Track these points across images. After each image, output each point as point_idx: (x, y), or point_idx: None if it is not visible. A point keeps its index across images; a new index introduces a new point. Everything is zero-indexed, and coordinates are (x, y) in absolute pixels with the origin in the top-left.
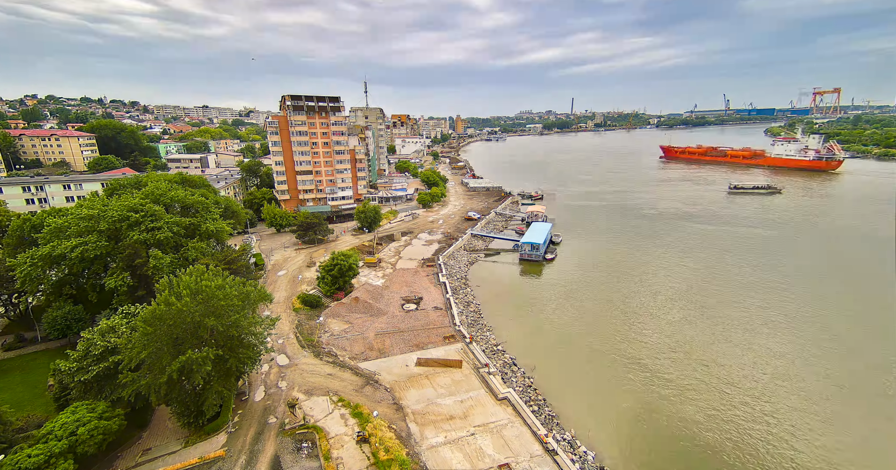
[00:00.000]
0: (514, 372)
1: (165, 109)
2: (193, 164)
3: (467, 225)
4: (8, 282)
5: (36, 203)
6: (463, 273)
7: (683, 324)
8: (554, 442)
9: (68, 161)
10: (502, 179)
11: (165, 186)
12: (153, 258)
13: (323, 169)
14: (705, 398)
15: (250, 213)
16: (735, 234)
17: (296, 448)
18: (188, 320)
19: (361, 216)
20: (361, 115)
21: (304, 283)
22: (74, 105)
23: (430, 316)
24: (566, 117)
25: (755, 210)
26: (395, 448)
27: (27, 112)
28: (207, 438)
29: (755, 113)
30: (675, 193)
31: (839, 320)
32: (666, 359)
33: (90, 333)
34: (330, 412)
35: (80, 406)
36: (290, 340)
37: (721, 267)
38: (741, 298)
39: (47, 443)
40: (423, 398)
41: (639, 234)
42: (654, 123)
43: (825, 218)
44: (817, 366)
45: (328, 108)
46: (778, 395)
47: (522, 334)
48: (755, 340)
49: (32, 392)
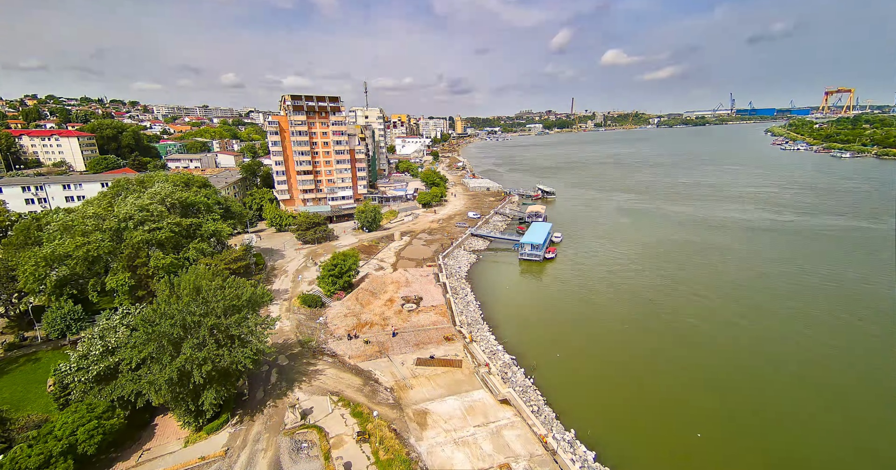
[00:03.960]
0: (514, 372)
1: (166, 109)
2: (193, 164)
3: (467, 225)
4: (9, 282)
5: (36, 203)
6: (463, 273)
7: (685, 324)
8: (554, 442)
9: (68, 161)
10: (502, 180)
11: (172, 187)
12: (154, 258)
13: (323, 169)
14: (706, 398)
15: (250, 213)
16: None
17: (296, 448)
18: (188, 320)
19: (361, 216)
20: (361, 115)
21: (304, 282)
22: (74, 105)
23: (430, 316)
24: (566, 117)
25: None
26: (395, 448)
27: (27, 112)
28: (207, 438)
29: (756, 113)
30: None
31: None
32: (667, 359)
33: (91, 333)
34: (330, 412)
35: (80, 406)
36: (291, 340)
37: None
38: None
39: (47, 443)
40: (424, 398)
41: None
42: (654, 123)
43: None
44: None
45: (328, 109)
46: (782, 400)
47: (522, 334)
48: (764, 347)
49: (32, 392)
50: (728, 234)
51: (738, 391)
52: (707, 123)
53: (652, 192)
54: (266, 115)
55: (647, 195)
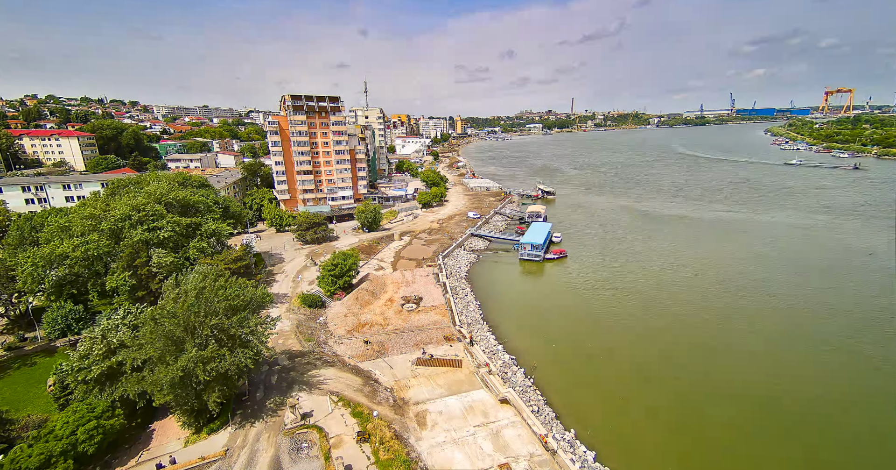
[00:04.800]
0: (514, 372)
1: (166, 109)
2: (193, 164)
3: (467, 225)
4: (8, 282)
5: (36, 203)
6: (463, 273)
7: (687, 323)
8: (554, 442)
9: (68, 161)
10: (502, 179)
11: (167, 186)
12: (157, 257)
13: (323, 169)
14: (707, 398)
15: (250, 212)
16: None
17: (296, 448)
18: (192, 320)
19: (362, 216)
20: (361, 115)
21: (304, 282)
22: (74, 105)
23: (430, 316)
24: (566, 117)
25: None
26: (395, 448)
27: (27, 112)
28: (207, 437)
29: (755, 113)
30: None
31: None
32: (668, 359)
33: (93, 333)
34: (330, 412)
35: (80, 406)
36: (291, 340)
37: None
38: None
39: (47, 443)
40: (424, 398)
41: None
42: (654, 123)
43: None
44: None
45: (328, 108)
46: (786, 401)
47: (522, 334)
48: (772, 348)
49: (32, 392)
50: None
51: (738, 391)
52: (707, 123)
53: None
54: (266, 115)
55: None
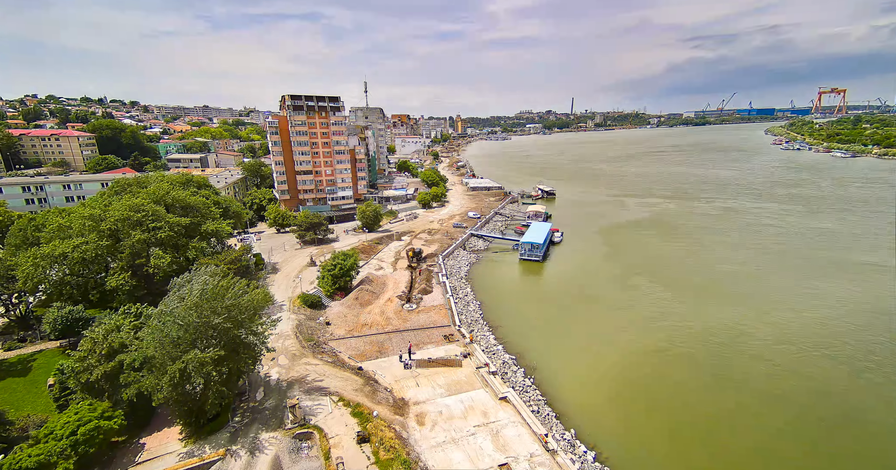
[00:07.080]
0: (514, 372)
1: (166, 109)
2: (193, 164)
3: (467, 225)
4: (8, 282)
5: (36, 203)
6: (463, 273)
7: (689, 323)
8: (554, 442)
9: (68, 161)
10: (502, 179)
11: (167, 187)
12: (154, 258)
13: (323, 169)
14: (708, 398)
15: (250, 212)
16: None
17: (296, 448)
18: (194, 319)
19: (362, 216)
20: (361, 115)
21: (304, 283)
22: (75, 105)
23: (431, 315)
24: (566, 117)
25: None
26: (395, 448)
27: (27, 112)
28: (207, 438)
29: (755, 113)
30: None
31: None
32: (669, 359)
33: (94, 333)
34: (330, 412)
35: (80, 406)
36: (291, 340)
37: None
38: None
39: (47, 443)
40: (423, 398)
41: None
42: (654, 123)
43: None
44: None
45: (328, 108)
46: (787, 403)
47: (522, 334)
48: (772, 346)
49: (32, 392)
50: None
51: (739, 392)
52: (707, 123)
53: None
54: (266, 115)
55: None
